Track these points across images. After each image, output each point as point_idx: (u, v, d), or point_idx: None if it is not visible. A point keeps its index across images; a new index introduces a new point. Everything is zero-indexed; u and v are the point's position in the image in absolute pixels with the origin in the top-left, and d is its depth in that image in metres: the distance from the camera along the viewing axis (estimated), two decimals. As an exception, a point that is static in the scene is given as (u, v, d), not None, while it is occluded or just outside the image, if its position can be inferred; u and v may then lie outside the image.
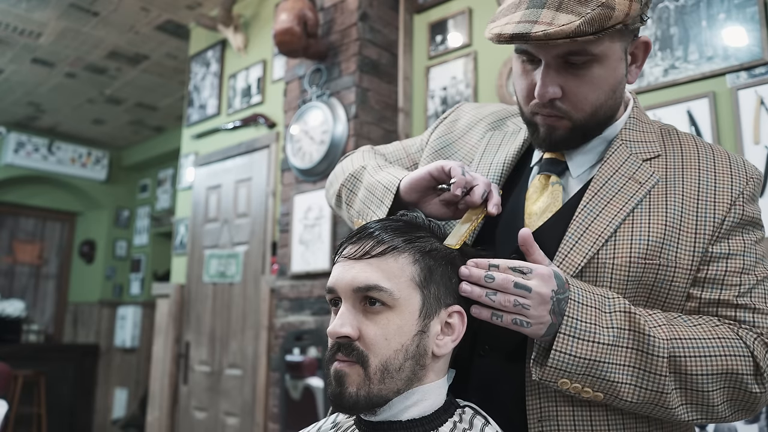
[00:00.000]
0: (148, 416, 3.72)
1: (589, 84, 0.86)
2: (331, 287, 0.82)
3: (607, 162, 0.92)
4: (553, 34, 0.79)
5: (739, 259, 0.87)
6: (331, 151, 2.54)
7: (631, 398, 0.81)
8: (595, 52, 0.84)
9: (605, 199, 0.89)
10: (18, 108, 5.47)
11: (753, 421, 1.63)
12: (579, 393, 0.81)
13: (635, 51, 0.92)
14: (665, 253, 0.85)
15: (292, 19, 2.51)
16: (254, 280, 3.22)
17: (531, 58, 0.88)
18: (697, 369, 0.81)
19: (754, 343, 0.83)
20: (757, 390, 0.82)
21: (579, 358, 0.79)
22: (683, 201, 0.88)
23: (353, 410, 0.79)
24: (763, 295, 0.87)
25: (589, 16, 0.79)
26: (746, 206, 0.89)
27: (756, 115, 1.77)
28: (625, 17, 0.81)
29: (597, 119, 0.91)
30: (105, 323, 6.34)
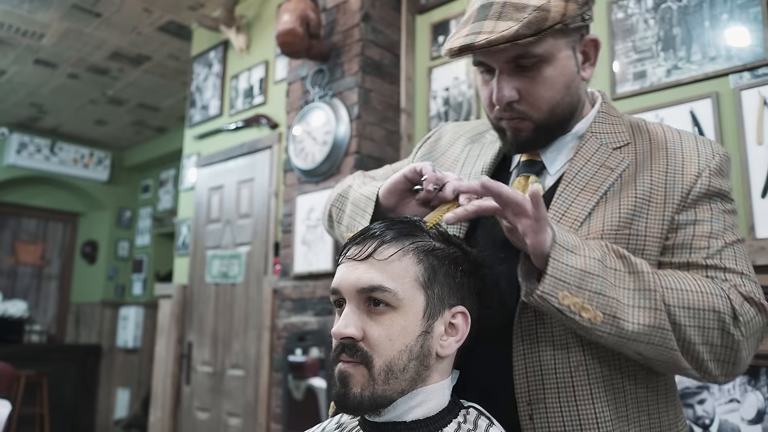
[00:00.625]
0: (151, 416, 3.73)
1: (542, 84, 0.91)
2: (335, 288, 0.83)
3: (579, 153, 0.97)
4: (494, 40, 0.85)
5: (707, 224, 0.89)
6: (333, 152, 2.54)
7: (631, 319, 0.81)
8: (541, 53, 0.89)
9: (579, 186, 0.94)
10: (20, 109, 5.48)
11: (756, 422, 1.63)
12: (579, 311, 0.80)
13: (586, 49, 0.97)
14: (636, 224, 0.89)
15: (294, 20, 2.51)
16: (257, 281, 3.22)
17: (487, 68, 0.95)
18: (676, 301, 0.82)
19: (729, 290, 0.84)
20: (736, 333, 0.82)
21: (575, 268, 0.80)
22: (652, 177, 0.92)
23: (357, 411, 0.79)
24: (733, 257, 0.88)
25: (526, 20, 0.85)
26: (713, 178, 0.91)
27: (759, 115, 1.77)
28: (561, 17, 0.87)
29: (557, 117, 0.95)
30: (107, 324, 6.35)
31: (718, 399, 1.70)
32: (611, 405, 0.87)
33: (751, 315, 0.84)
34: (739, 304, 0.83)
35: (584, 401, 0.86)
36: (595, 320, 0.80)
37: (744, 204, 1.76)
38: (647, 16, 2.05)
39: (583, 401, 0.86)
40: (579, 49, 0.95)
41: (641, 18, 2.06)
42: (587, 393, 0.87)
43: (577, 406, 0.86)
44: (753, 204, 1.74)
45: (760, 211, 1.72)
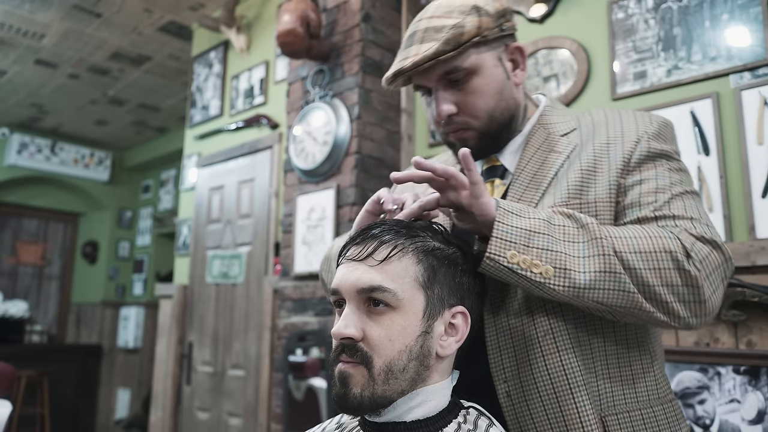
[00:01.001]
0: (151, 416, 3.73)
1: (475, 94, 0.99)
2: (335, 288, 0.83)
3: (529, 143, 1.04)
4: (419, 60, 0.95)
5: (652, 182, 0.93)
6: (334, 152, 2.54)
7: (581, 269, 0.83)
8: (467, 66, 0.98)
9: (531, 173, 1.00)
10: (21, 109, 5.48)
11: (756, 422, 1.63)
12: (530, 267, 0.82)
13: (513, 57, 1.04)
14: (585, 194, 0.94)
15: (294, 20, 2.51)
16: (257, 281, 3.22)
17: (426, 90, 1.03)
18: (624, 247, 0.83)
19: (679, 233, 0.86)
20: (691, 269, 0.82)
21: (519, 228, 0.83)
22: (595, 150, 0.98)
23: (357, 411, 0.79)
24: (682, 206, 0.91)
25: (444, 38, 0.95)
26: (652, 142, 0.96)
27: (759, 115, 1.77)
28: (477, 30, 0.96)
29: (497, 122, 1.01)
30: (108, 324, 6.35)
31: (719, 399, 1.70)
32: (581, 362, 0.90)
33: (705, 252, 0.84)
34: (691, 243, 0.84)
35: (556, 370, 0.89)
36: (547, 274, 0.82)
37: (744, 204, 1.76)
38: (648, 16, 2.05)
39: (555, 370, 0.89)
40: (506, 58, 1.03)
41: (641, 18, 2.06)
42: (557, 360, 0.89)
43: (550, 377, 0.89)
44: (753, 204, 1.74)
45: (760, 211, 1.72)
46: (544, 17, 2.34)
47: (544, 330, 0.90)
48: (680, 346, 1.80)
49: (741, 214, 1.76)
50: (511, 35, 1.04)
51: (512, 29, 1.03)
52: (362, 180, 2.50)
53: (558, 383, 0.89)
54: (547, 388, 0.89)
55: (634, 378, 0.93)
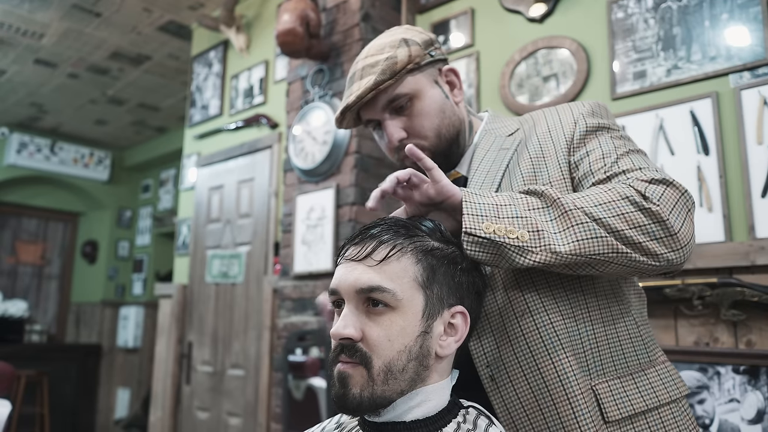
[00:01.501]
0: (151, 416, 3.73)
1: (419, 116, 1.07)
2: (334, 289, 0.83)
3: (479, 147, 1.11)
4: (361, 93, 1.04)
5: (598, 150, 0.98)
6: (333, 152, 2.54)
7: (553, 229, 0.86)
8: (407, 92, 1.06)
9: (485, 170, 1.06)
10: (20, 108, 5.48)
11: (756, 422, 1.63)
12: (506, 234, 0.84)
13: (449, 78, 1.13)
14: (539, 177, 1.00)
15: (294, 20, 2.51)
16: (257, 281, 3.22)
17: (376, 123, 1.10)
18: (584, 203, 0.87)
19: (631, 182, 0.89)
20: (651, 206, 0.85)
21: (486, 204, 0.87)
22: (539, 140, 1.04)
23: (357, 411, 0.79)
24: (629, 161, 0.95)
25: (380, 69, 1.03)
26: (588, 119, 1.02)
27: (759, 115, 1.77)
28: (409, 58, 1.05)
29: (445, 139, 1.08)
30: (107, 323, 6.35)
31: (718, 399, 1.70)
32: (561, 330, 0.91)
33: (660, 191, 0.87)
34: (644, 187, 0.87)
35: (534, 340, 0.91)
36: (523, 238, 0.85)
37: (744, 204, 1.76)
38: (647, 15, 2.05)
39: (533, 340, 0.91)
40: (442, 81, 1.12)
41: (641, 18, 2.06)
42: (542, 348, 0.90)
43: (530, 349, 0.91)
44: (753, 204, 1.74)
45: (760, 211, 1.72)
46: (543, 17, 2.34)
47: (514, 299, 0.93)
48: (680, 346, 1.80)
49: (740, 213, 1.76)
50: (443, 60, 1.13)
51: (442, 55, 1.12)
52: (362, 179, 2.50)
53: (538, 352, 0.90)
54: (528, 361, 0.91)
55: (614, 320, 0.96)
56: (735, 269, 1.74)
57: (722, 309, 1.70)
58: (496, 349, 0.93)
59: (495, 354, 0.93)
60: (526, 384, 0.90)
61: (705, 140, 1.86)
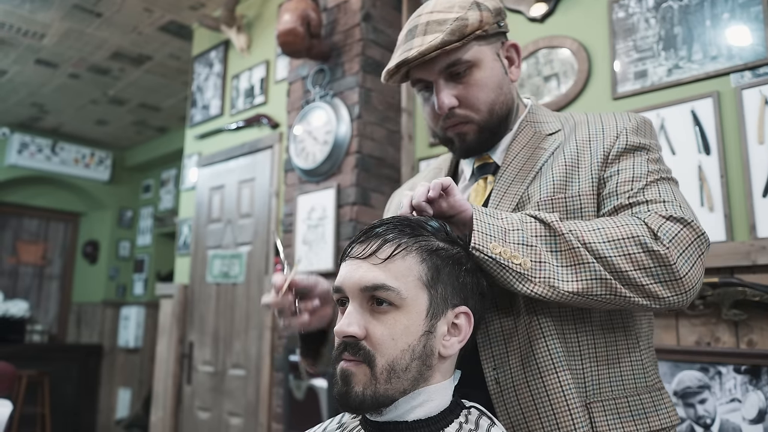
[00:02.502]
0: (152, 416, 3.73)
1: (476, 86, 1.02)
2: (338, 286, 0.83)
3: (516, 140, 1.07)
4: (424, 50, 0.97)
5: (629, 171, 0.95)
6: (334, 152, 2.54)
7: (556, 262, 0.85)
8: (469, 59, 1.00)
9: (517, 167, 1.03)
10: (21, 109, 5.48)
11: (757, 422, 1.63)
12: (510, 258, 0.85)
13: (509, 54, 1.08)
14: (570, 188, 0.97)
15: (295, 20, 2.52)
16: (258, 281, 3.22)
17: (425, 85, 1.05)
18: (592, 238, 0.86)
19: (647, 217, 0.88)
20: (659, 248, 0.84)
21: (495, 225, 0.87)
22: (578, 146, 1.01)
23: (359, 410, 0.79)
24: (657, 192, 0.93)
25: (449, 29, 0.97)
26: (630, 136, 0.99)
27: (760, 114, 1.77)
28: (480, 24, 0.99)
29: (496, 116, 1.04)
30: (108, 323, 6.35)
31: (720, 398, 1.70)
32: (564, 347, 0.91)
33: (674, 231, 0.86)
34: (658, 225, 0.86)
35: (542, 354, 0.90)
36: (525, 266, 0.85)
37: (745, 203, 1.76)
38: (648, 15, 2.05)
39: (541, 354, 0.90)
40: (503, 55, 1.07)
41: (642, 17, 2.06)
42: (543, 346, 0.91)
43: (536, 362, 0.90)
44: (754, 203, 1.74)
45: (761, 211, 1.72)
46: (544, 16, 2.34)
47: (531, 318, 0.92)
48: (681, 346, 1.80)
49: (742, 213, 1.76)
50: (506, 33, 1.08)
51: (507, 28, 1.07)
52: (363, 179, 2.50)
53: (544, 367, 0.90)
54: (534, 373, 0.90)
55: (619, 357, 0.95)
56: (736, 269, 1.74)
57: (723, 309, 1.70)
58: (505, 354, 0.93)
59: (503, 358, 0.93)
60: (529, 393, 0.90)
61: (706, 140, 1.86)
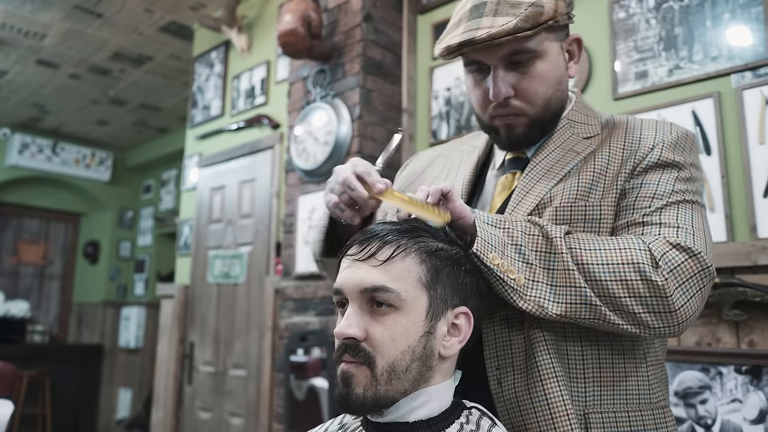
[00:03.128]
0: (153, 416, 3.73)
1: (536, 79, 0.96)
2: (337, 288, 0.83)
3: (551, 139, 1.01)
4: (495, 33, 0.89)
5: (652, 186, 0.91)
6: (335, 152, 2.54)
7: (549, 280, 0.84)
8: (535, 48, 0.94)
9: (546, 167, 0.98)
10: (22, 109, 5.49)
11: (759, 422, 1.63)
12: (507, 272, 0.84)
13: (570, 48, 1.02)
14: (592, 196, 0.93)
15: (296, 20, 2.52)
16: (258, 281, 3.22)
17: (480, 67, 0.98)
18: (591, 259, 0.84)
19: (652, 242, 0.85)
20: (657, 279, 0.82)
21: (497, 236, 0.85)
22: (610, 153, 0.97)
23: (360, 411, 0.79)
24: (674, 214, 0.89)
25: (523, 15, 0.90)
26: (666, 150, 0.94)
27: (761, 115, 1.77)
28: (554, 13, 0.92)
29: (550, 111, 0.99)
30: (109, 324, 6.35)
31: (720, 399, 1.70)
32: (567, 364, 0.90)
33: (677, 261, 0.83)
34: (662, 253, 0.84)
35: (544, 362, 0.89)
36: (519, 283, 0.84)
37: (746, 204, 1.76)
38: (649, 15, 2.05)
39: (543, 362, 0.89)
40: (565, 48, 1.01)
41: (643, 18, 2.06)
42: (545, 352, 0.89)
43: (539, 369, 0.89)
44: (755, 204, 1.74)
45: (761, 211, 1.72)
46: (545, 17, 2.34)
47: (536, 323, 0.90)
48: (682, 346, 1.80)
49: (742, 213, 1.76)
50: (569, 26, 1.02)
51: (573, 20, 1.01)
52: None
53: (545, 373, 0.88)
54: (534, 377, 0.89)
55: (626, 372, 0.93)
56: (737, 269, 1.74)
57: (724, 309, 1.70)
58: (509, 354, 0.92)
59: (507, 359, 0.92)
60: (528, 397, 0.89)
61: (707, 140, 1.86)
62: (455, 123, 2.57)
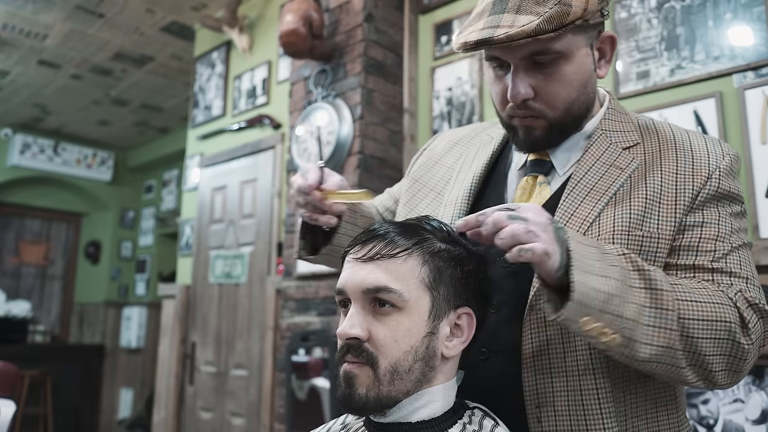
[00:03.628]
0: (154, 416, 3.73)
1: (559, 81, 0.88)
2: (340, 288, 0.82)
3: (589, 152, 0.95)
4: (515, 35, 0.82)
5: (714, 227, 0.88)
6: (336, 152, 2.54)
7: (647, 340, 0.78)
8: (560, 50, 0.86)
9: (588, 186, 0.91)
10: (24, 109, 5.49)
11: (761, 422, 1.63)
12: (599, 335, 0.75)
13: (602, 46, 0.94)
14: (647, 225, 0.87)
15: (297, 20, 2.51)
16: (260, 281, 3.22)
17: (500, 63, 0.91)
18: (689, 313, 0.79)
19: (735, 296, 0.83)
20: (745, 342, 0.81)
21: (598, 291, 0.74)
22: (662, 177, 0.90)
23: (362, 411, 0.79)
24: (738, 262, 0.87)
25: (547, 15, 0.82)
26: (722, 180, 0.90)
27: (763, 114, 1.77)
28: (583, 12, 0.83)
29: (572, 116, 0.93)
30: (110, 324, 6.36)
31: (722, 399, 1.70)
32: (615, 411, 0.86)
33: (755, 321, 0.83)
34: (746, 309, 0.83)
35: (591, 406, 0.85)
36: (613, 342, 0.77)
37: (748, 203, 1.76)
38: (650, 15, 2.05)
39: (590, 405, 0.85)
40: (596, 46, 0.93)
41: (644, 17, 2.06)
42: (594, 397, 0.85)
43: (584, 411, 0.85)
44: (757, 203, 1.73)
45: (764, 211, 1.72)
46: (546, 17, 2.34)
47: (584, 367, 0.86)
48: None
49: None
50: (603, 23, 0.93)
51: (608, 15, 0.92)
52: (365, 180, 2.50)
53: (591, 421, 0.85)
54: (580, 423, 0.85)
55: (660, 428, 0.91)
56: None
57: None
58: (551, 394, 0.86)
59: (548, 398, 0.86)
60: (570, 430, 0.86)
61: (709, 140, 1.86)
62: (457, 123, 2.57)
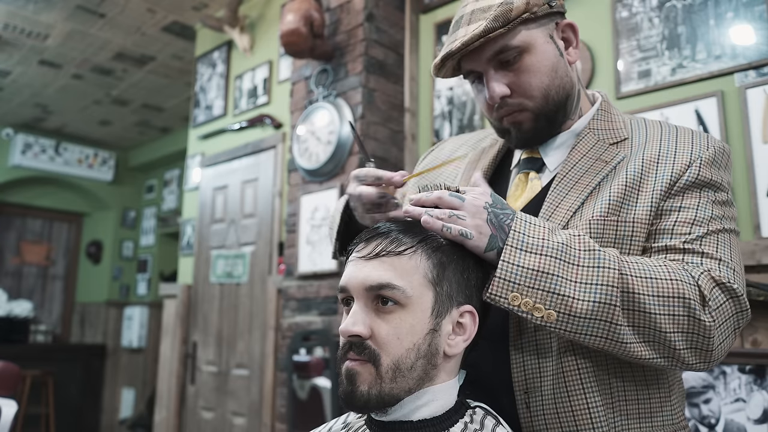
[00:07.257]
0: (156, 416, 3.74)
1: (527, 72, 0.95)
2: (343, 286, 0.83)
3: (576, 149, 0.99)
4: (468, 40, 0.92)
5: (692, 211, 0.89)
6: (337, 152, 2.54)
7: (585, 315, 0.80)
8: (518, 44, 0.94)
9: (573, 179, 0.96)
10: (25, 109, 5.50)
11: (762, 422, 1.63)
12: (531, 311, 0.80)
13: (565, 35, 1.02)
14: (624, 211, 0.90)
15: (298, 20, 2.52)
16: (261, 281, 3.23)
17: (476, 75, 1.00)
18: (642, 289, 0.81)
19: (700, 276, 0.84)
20: (705, 319, 0.81)
21: (526, 269, 0.80)
22: (643, 164, 0.94)
23: (364, 409, 0.79)
24: (715, 244, 0.88)
25: (492, 15, 0.91)
26: (703, 168, 0.91)
27: (765, 113, 1.76)
28: (526, 6, 0.93)
29: (552, 101, 0.98)
30: (112, 323, 6.37)
31: (724, 398, 1.70)
32: (600, 392, 0.88)
33: (720, 301, 0.83)
34: (709, 290, 0.83)
35: (575, 391, 0.88)
36: (549, 319, 0.80)
37: (749, 203, 1.75)
38: (652, 14, 2.05)
39: (574, 391, 0.88)
40: (558, 36, 1.00)
41: (646, 17, 2.06)
42: (577, 378, 0.88)
43: (569, 396, 0.88)
44: (758, 203, 1.73)
45: (765, 210, 1.72)
46: (547, 16, 2.34)
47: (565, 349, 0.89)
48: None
49: (746, 212, 1.76)
50: (561, 13, 1.02)
51: (561, 7, 1.01)
52: (366, 179, 2.50)
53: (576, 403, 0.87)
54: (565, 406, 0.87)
55: (652, 413, 0.92)
56: (740, 268, 1.73)
57: (728, 308, 1.69)
58: (539, 380, 0.89)
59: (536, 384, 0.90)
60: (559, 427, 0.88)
61: (710, 139, 1.85)
62: (458, 122, 2.57)
